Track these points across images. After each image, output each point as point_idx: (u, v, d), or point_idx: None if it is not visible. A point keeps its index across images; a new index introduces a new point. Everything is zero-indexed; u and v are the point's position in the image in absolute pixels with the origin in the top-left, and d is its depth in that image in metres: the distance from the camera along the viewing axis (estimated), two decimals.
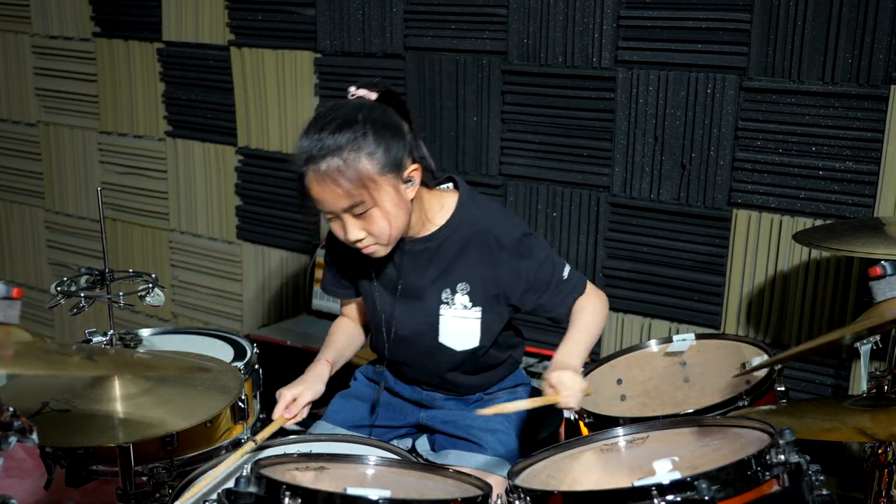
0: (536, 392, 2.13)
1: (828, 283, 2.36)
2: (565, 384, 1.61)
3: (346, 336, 1.99)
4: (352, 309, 2.03)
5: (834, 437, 1.49)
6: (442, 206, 1.80)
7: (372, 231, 1.67)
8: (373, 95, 1.72)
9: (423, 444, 1.97)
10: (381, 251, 1.72)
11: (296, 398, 1.80)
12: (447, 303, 1.80)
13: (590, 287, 1.86)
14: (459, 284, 1.79)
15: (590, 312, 1.81)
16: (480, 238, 1.77)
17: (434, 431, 1.93)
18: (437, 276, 1.80)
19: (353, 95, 1.74)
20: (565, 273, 1.81)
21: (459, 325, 1.80)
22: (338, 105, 1.68)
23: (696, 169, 2.48)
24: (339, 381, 2.72)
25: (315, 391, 1.83)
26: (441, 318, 1.80)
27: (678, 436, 1.54)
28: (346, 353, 1.97)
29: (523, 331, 2.03)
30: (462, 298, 1.80)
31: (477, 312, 1.80)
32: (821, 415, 1.56)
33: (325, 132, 1.62)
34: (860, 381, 2.35)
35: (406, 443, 1.97)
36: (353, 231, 1.68)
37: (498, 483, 1.67)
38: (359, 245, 1.70)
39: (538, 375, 2.57)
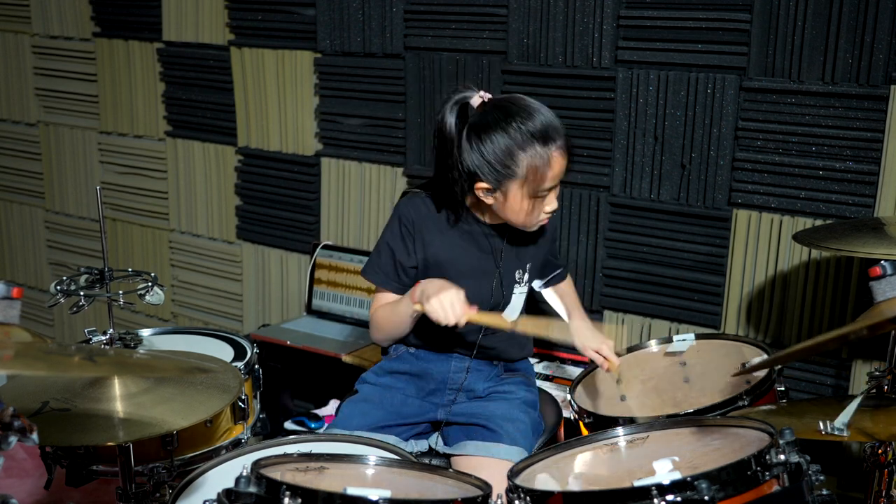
0: (543, 394, 2.21)
1: (828, 283, 2.36)
2: (609, 345, 1.97)
3: None
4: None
5: (834, 437, 1.49)
6: None
7: (555, 201, 1.91)
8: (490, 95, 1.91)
9: (436, 440, 1.99)
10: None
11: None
12: (519, 282, 2.02)
13: None
14: (528, 264, 2.03)
15: (574, 287, 2.25)
16: (545, 228, 2.03)
17: (451, 424, 1.96)
18: (517, 260, 2.01)
19: (482, 98, 1.87)
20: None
21: (518, 299, 2.03)
22: (521, 98, 1.89)
23: (696, 169, 2.48)
24: (343, 384, 2.72)
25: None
26: (513, 296, 2.01)
27: (678, 436, 1.54)
28: None
29: None
30: (525, 276, 2.03)
31: (527, 287, 2.05)
32: (821, 415, 1.56)
33: (548, 116, 1.86)
34: (860, 381, 2.35)
35: (423, 445, 1.98)
36: (555, 201, 1.89)
37: None
38: (547, 216, 1.91)
39: (549, 378, 2.60)
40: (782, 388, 1.94)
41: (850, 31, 2.22)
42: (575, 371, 2.61)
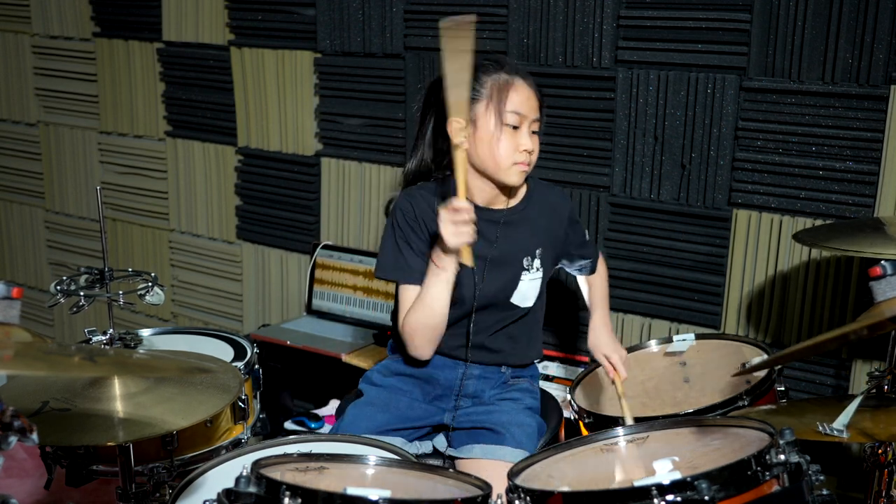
0: (544, 394, 2.19)
1: (828, 283, 2.36)
2: (621, 355, 2.02)
3: None
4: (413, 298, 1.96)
5: (834, 437, 1.49)
6: None
7: (534, 148, 1.91)
8: None
9: (440, 442, 1.98)
10: (524, 175, 1.93)
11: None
12: (528, 269, 1.99)
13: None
14: (538, 250, 2.00)
15: (606, 280, 2.21)
16: (552, 208, 2.04)
17: (456, 430, 1.95)
18: (522, 244, 1.99)
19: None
20: (586, 234, 2.17)
21: (529, 285, 2.00)
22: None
23: (696, 169, 2.48)
24: (343, 384, 2.71)
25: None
26: (520, 283, 1.98)
27: (678, 436, 1.54)
28: None
29: None
30: (536, 262, 2.00)
31: (541, 273, 2.02)
32: (821, 415, 1.56)
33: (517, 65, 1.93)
34: (860, 381, 2.35)
35: (427, 447, 1.97)
36: (528, 141, 1.89)
37: None
38: (522, 158, 1.89)
39: (549, 378, 2.60)
40: (782, 388, 1.94)
41: (850, 31, 2.22)
42: (575, 371, 2.61)
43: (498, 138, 1.87)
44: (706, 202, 2.49)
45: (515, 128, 1.88)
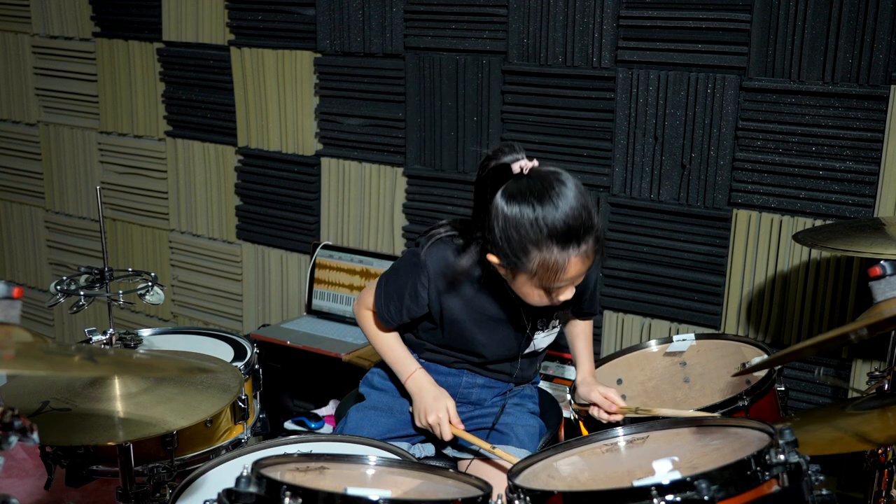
0: (543, 394, 2.19)
1: (828, 283, 2.36)
2: (613, 396, 1.88)
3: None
4: None
5: (836, 448, 1.48)
6: None
7: (570, 293, 1.72)
8: (536, 163, 1.73)
9: (442, 443, 1.97)
10: None
11: (448, 410, 1.85)
12: (541, 329, 1.91)
13: None
14: (556, 311, 1.89)
15: (591, 335, 2.09)
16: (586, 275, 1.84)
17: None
18: (543, 310, 1.85)
19: (522, 167, 1.69)
20: (598, 292, 2.07)
21: (543, 341, 1.95)
22: (559, 181, 1.70)
23: (696, 169, 2.48)
24: (343, 384, 2.70)
25: (448, 395, 1.89)
26: (532, 341, 1.92)
27: (678, 436, 1.54)
28: None
29: None
30: (553, 322, 1.92)
31: (557, 329, 1.95)
32: (825, 424, 1.56)
33: (577, 212, 1.65)
34: (860, 381, 2.35)
35: (429, 449, 1.97)
36: (569, 295, 1.71)
37: None
38: (557, 304, 1.73)
39: (549, 378, 2.60)
40: (782, 388, 1.94)
41: (850, 31, 2.23)
42: (575, 371, 2.61)
43: (536, 299, 1.71)
44: (706, 202, 2.49)
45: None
